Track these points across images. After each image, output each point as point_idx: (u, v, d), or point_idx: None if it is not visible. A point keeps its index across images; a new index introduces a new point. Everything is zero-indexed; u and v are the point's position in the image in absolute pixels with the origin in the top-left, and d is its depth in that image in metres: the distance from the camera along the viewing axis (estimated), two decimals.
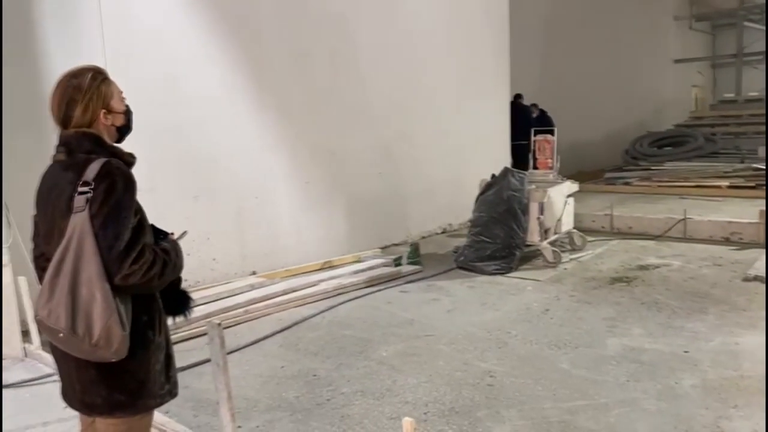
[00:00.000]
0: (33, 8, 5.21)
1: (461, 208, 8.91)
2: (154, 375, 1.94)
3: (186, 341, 4.70)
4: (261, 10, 6.58)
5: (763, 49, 20.15)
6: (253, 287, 5.93)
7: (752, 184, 10.17)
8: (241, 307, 5.42)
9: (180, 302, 2.04)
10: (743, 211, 8.30)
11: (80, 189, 1.78)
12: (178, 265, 1.93)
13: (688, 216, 8.06)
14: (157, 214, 2.17)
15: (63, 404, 2.02)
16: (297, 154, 7.03)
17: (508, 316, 5.25)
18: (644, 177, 11.63)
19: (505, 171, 6.95)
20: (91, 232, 1.75)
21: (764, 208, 7.41)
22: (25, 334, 4.45)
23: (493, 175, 7.13)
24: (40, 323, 1.79)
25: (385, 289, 6.18)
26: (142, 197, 1.95)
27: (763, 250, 6.66)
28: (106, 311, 1.73)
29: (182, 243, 2.01)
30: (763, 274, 5.84)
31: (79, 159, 1.86)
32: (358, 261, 7.15)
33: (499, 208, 6.67)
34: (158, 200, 5.93)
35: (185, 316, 2.06)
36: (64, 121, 1.92)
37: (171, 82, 5.89)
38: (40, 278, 2.03)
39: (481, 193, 7.00)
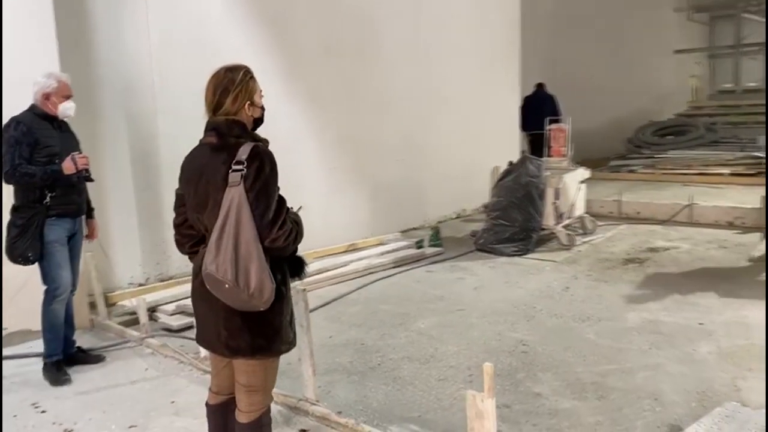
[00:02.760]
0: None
1: (475, 194, 9.31)
2: (285, 325, 2.31)
3: None
4: (295, 3, 6.90)
5: (761, 40, 20.53)
6: None
7: (753, 171, 10.58)
8: None
9: (298, 265, 2.40)
10: (745, 197, 8.71)
11: (234, 167, 2.14)
12: (301, 233, 2.29)
13: (693, 202, 8.45)
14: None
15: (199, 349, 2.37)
16: (323, 142, 7.37)
17: (532, 293, 5.63)
18: (648, 165, 12.02)
19: (524, 158, 7.32)
20: (246, 203, 2.12)
21: (765, 194, 7.80)
22: (92, 306, 4.80)
23: (511, 162, 7.49)
24: (208, 276, 2.14)
25: (411, 269, 6.56)
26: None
27: (766, 234, 7.06)
28: (260, 267, 2.11)
29: None
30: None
31: (230, 142, 2.22)
32: (381, 244, 7.52)
33: (517, 194, 7.04)
34: None
35: (301, 277, 2.42)
36: (216, 107, 2.27)
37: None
38: (179, 242, 2.40)
39: (500, 179, 7.36)
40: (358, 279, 6.22)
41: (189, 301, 5.19)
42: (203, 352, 3.91)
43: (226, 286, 2.10)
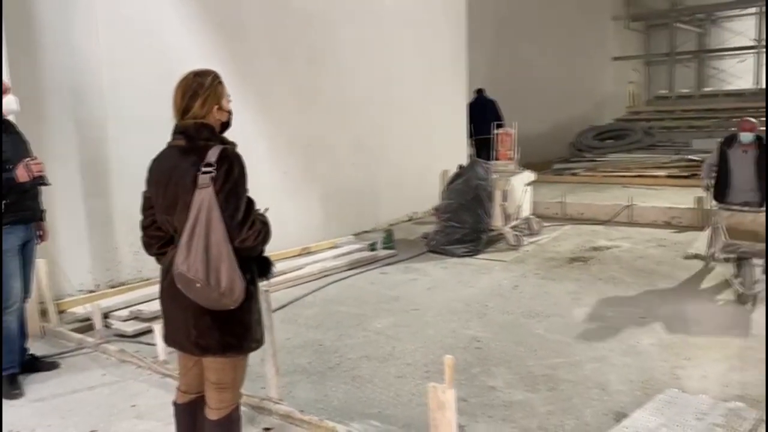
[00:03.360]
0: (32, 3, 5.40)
1: (425, 197, 9.47)
2: (254, 323, 2.37)
3: None
4: (246, 6, 6.91)
5: (693, 48, 21.58)
6: None
7: (687, 174, 11.11)
8: None
9: (265, 265, 2.46)
10: (680, 198, 9.15)
11: (204, 169, 2.19)
12: (269, 234, 2.36)
13: (633, 202, 8.84)
14: None
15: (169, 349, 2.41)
16: (276, 146, 7.39)
17: (483, 292, 5.81)
18: (590, 168, 12.48)
19: (473, 162, 7.53)
20: (216, 205, 2.18)
21: (699, 195, 8.23)
22: (43, 313, 4.71)
23: (461, 166, 7.69)
24: (179, 275, 2.19)
25: (365, 271, 6.66)
26: (135, 186, 2.34)
27: (700, 233, 7.45)
28: (230, 267, 2.17)
29: None
30: (702, 252, 6.57)
31: (199, 145, 2.27)
32: (335, 247, 7.58)
33: (467, 196, 7.23)
34: None
35: (268, 277, 2.49)
36: (184, 110, 2.32)
37: (161, 76, 6.16)
38: (147, 244, 2.43)
39: (450, 182, 7.54)
40: (313, 282, 6.28)
41: (143, 307, 5.19)
42: (162, 355, 3.92)
43: (198, 285, 2.16)
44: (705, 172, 6.43)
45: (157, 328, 3.85)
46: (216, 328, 2.27)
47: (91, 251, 5.86)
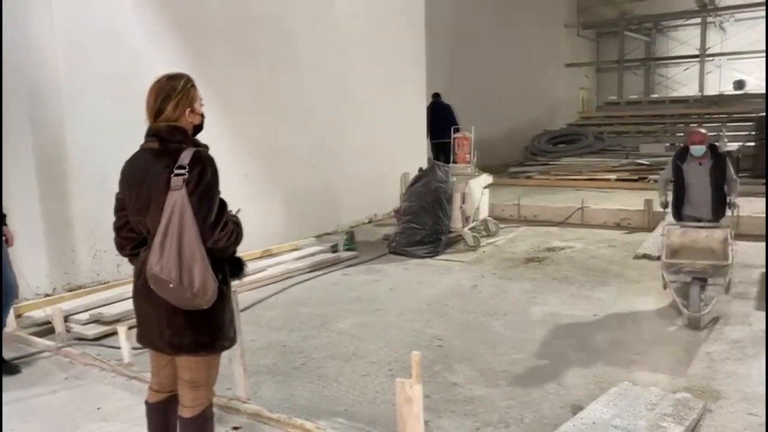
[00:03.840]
0: None
1: (385, 200, 9.62)
2: (226, 322, 2.42)
3: None
4: (207, 8, 6.91)
5: (641, 56, 22.31)
6: None
7: (636, 177, 11.53)
8: None
9: (237, 265, 2.52)
10: (630, 201, 9.51)
11: (176, 171, 2.24)
12: (242, 235, 2.41)
13: (585, 205, 9.14)
14: (107, 205, 2.56)
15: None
16: (237, 148, 7.38)
17: (443, 292, 5.95)
18: (544, 171, 12.81)
19: (433, 165, 7.68)
20: (189, 206, 2.22)
21: (648, 198, 8.58)
22: None
23: (421, 168, 7.83)
24: (153, 276, 2.22)
25: (328, 272, 6.73)
26: (94, 188, 2.37)
27: (649, 233, 7.78)
28: (203, 267, 2.22)
29: None
30: (650, 252, 6.86)
31: (172, 147, 2.30)
32: (296, 249, 7.62)
33: (428, 198, 7.38)
34: (108, 191, 6.17)
35: (240, 277, 2.54)
36: (157, 113, 2.35)
37: (121, 77, 6.12)
38: (119, 245, 2.46)
39: (411, 185, 7.68)
40: (275, 284, 6.31)
41: (104, 310, 5.14)
42: (127, 357, 3.91)
43: (171, 285, 2.20)
44: (660, 187, 5.92)
45: (122, 330, 3.85)
46: (189, 327, 2.31)
47: (49, 254, 5.77)
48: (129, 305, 5.39)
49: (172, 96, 2.34)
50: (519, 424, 3.43)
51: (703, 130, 5.65)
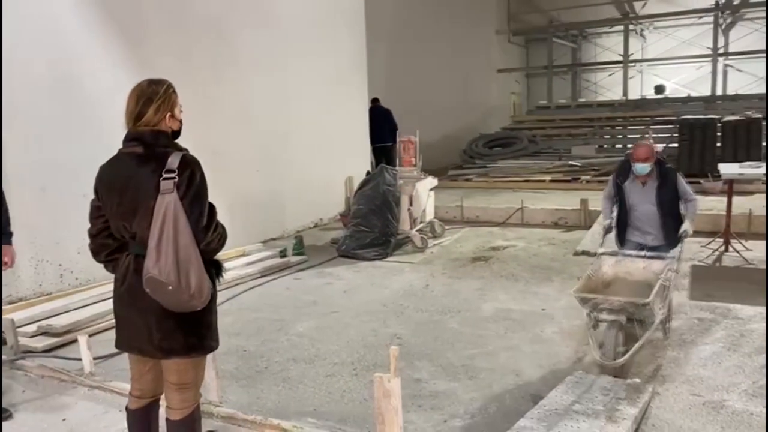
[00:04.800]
0: None
1: (331, 204, 9.69)
2: (214, 323, 2.45)
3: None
4: (145, 11, 6.79)
5: (568, 62, 23.20)
6: None
7: (569, 178, 12.02)
8: None
9: (217, 267, 2.55)
10: (565, 201, 9.90)
11: (166, 175, 2.24)
12: (226, 237, 2.45)
13: (524, 205, 9.47)
14: (48, 213, 2.55)
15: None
16: None
17: (397, 293, 6.07)
18: (482, 174, 13.15)
19: (381, 168, 7.79)
20: (182, 209, 2.24)
21: (583, 198, 8.99)
22: None
23: (369, 172, 7.93)
24: (150, 279, 2.21)
25: (279, 277, 6.73)
26: (34, 197, 2.35)
27: (586, 231, 8.15)
28: (199, 269, 2.24)
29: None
30: (589, 249, 7.19)
31: (158, 152, 2.31)
32: (244, 255, 7.57)
33: (376, 201, 7.49)
34: (48, 199, 5.99)
35: (219, 279, 2.57)
36: (137, 117, 2.34)
37: (60, 78, 5.96)
38: (95, 251, 2.44)
39: (360, 188, 7.77)
40: (226, 290, 6.25)
41: (52, 321, 4.99)
42: (88, 367, 3.83)
43: (170, 288, 2.21)
44: (604, 208, 5.05)
45: (83, 339, 3.76)
46: (180, 329, 2.33)
47: None
48: (78, 315, 5.31)
49: (153, 99, 2.36)
50: (484, 415, 3.57)
51: (649, 142, 4.87)
